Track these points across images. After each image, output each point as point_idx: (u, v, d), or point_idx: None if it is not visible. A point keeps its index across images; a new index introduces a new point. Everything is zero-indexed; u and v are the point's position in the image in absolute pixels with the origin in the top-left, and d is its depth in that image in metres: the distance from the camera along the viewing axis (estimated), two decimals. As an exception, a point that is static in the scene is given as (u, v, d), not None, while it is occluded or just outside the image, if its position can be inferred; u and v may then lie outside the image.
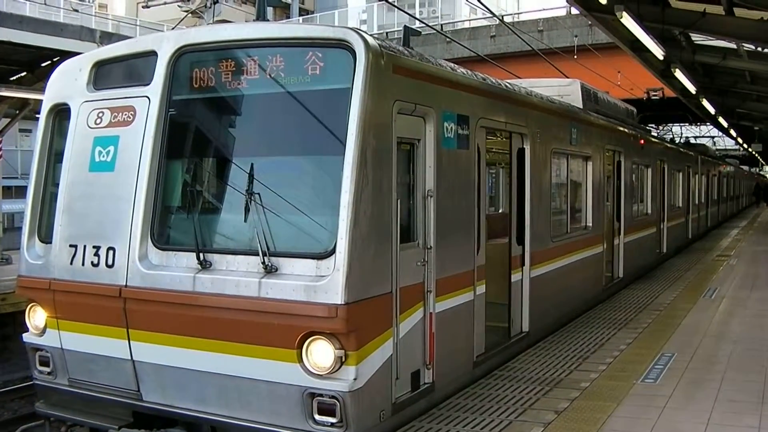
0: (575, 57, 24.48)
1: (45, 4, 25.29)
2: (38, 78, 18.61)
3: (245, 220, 6.23)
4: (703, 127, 45.09)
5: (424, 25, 25.80)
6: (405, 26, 7.89)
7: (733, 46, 17.39)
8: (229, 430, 6.35)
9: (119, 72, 7.12)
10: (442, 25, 35.23)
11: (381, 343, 6.14)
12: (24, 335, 7.41)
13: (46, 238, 7.24)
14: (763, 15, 12.98)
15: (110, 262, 6.62)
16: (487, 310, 8.36)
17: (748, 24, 13.82)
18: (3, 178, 21.52)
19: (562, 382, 8.01)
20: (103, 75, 7.19)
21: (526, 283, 9.43)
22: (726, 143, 53.29)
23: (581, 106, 12.48)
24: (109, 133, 6.86)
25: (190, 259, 6.34)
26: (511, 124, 8.86)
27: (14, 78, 19.59)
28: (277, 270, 5.97)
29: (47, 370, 7.23)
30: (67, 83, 7.35)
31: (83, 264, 6.77)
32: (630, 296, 13.79)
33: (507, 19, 32.60)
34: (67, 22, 23.28)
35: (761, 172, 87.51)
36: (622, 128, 14.83)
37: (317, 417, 5.90)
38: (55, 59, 17.57)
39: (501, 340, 8.87)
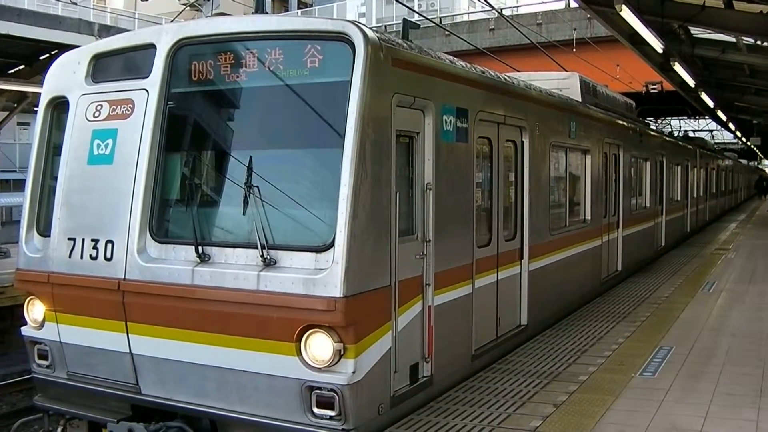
0: (574, 50, 24.47)
1: (43, -4, 25.23)
2: (36, 71, 18.59)
3: (244, 213, 6.22)
4: (701, 121, 45.12)
5: (423, 18, 25.72)
6: (404, 19, 7.85)
7: (732, 39, 17.39)
8: (227, 424, 6.35)
9: (118, 65, 7.10)
10: (441, 18, 35.15)
11: (380, 336, 6.15)
12: (22, 329, 7.40)
13: (45, 231, 7.22)
14: (763, 8, 12.97)
15: (109, 255, 6.61)
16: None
17: (748, 17, 13.81)
18: (1, 171, 21.51)
19: (560, 376, 8.02)
20: (101, 68, 7.17)
21: (524, 276, 9.42)
22: (725, 137, 53.30)
23: (580, 100, 12.46)
24: (107, 126, 6.85)
25: (188, 252, 6.34)
26: (510, 117, 8.85)
27: (12, 71, 19.57)
28: (275, 263, 5.97)
29: (46, 363, 7.23)
30: (65, 76, 7.33)
31: (82, 257, 6.77)
32: (628, 289, 13.79)
33: (506, 12, 32.59)
34: (65, 14, 23.21)
35: (759, 166, 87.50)
36: (620, 121, 14.81)
37: (316, 410, 5.91)
38: (53, 52, 17.56)
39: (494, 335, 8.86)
